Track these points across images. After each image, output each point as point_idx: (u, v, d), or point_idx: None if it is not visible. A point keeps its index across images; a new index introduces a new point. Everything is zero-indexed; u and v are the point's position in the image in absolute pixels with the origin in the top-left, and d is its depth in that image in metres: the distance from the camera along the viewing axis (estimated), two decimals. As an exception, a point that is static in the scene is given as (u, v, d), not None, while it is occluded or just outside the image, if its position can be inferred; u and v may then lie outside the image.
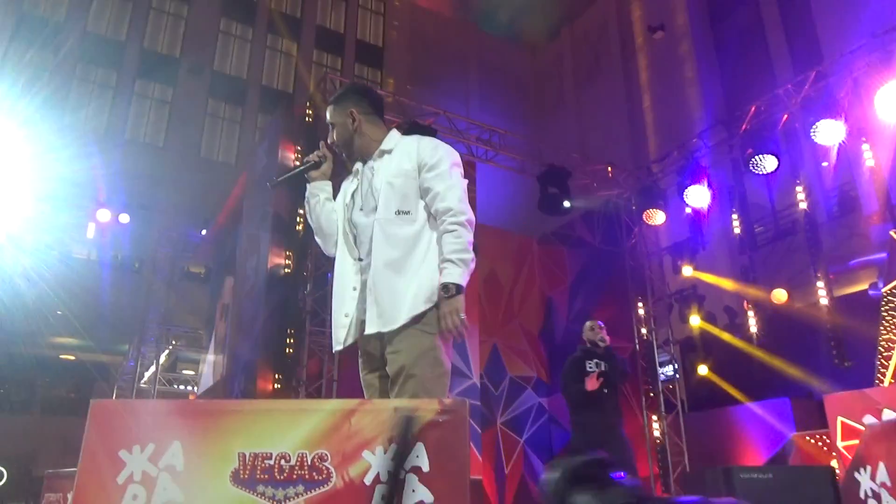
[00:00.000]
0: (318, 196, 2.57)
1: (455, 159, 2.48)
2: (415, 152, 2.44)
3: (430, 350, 2.22)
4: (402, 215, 2.37)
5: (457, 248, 2.31)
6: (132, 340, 14.46)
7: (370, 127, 2.54)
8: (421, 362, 2.20)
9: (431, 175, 2.39)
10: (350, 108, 2.53)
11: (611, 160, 10.51)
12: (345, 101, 2.56)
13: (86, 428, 1.83)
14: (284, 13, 21.88)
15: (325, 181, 2.60)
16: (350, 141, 2.54)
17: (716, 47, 16.03)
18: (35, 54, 17.26)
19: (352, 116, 2.52)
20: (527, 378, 10.44)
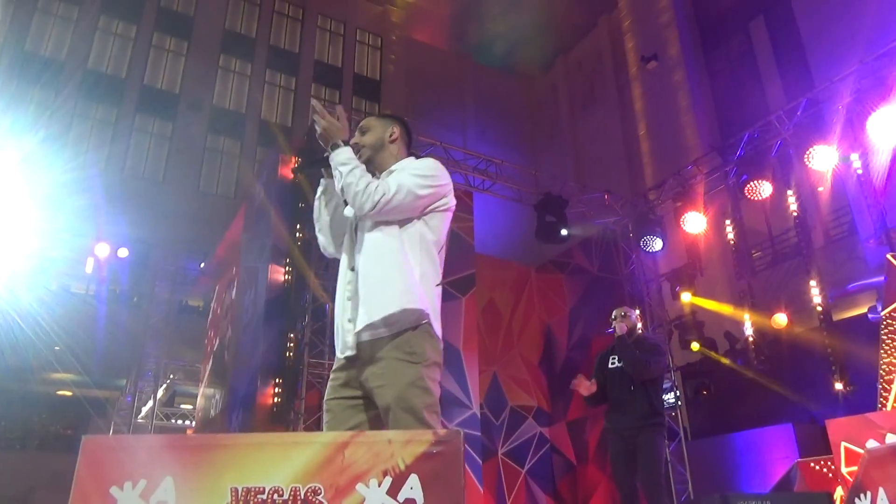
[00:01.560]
0: (334, 195, 2.58)
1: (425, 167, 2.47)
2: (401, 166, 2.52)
3: (417, 380, 2.20)
4: (381, 225, 2.40)
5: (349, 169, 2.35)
6: (129, 375, 14.37)
7: (397, 148, 2.62)
8: (410, 393, 2.18)
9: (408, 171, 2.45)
10: (394, 125, 2.65)
11: (607, 188, 10.58)
12: (392, 119, 2.68)
13: (77, 465, 1.82)
14: (283, 48, 22.23)
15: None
16: (378, 149, 2.59)
17: (709, 76, 16.26)
18: (38, 92, 17.47)
19: (392, 130, 2.62)
20: (527, 407, 10.36)
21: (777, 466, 8.62)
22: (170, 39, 20.44)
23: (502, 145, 19.19)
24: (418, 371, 2.22)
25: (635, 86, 18.16)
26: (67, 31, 18.82)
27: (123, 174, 18.21)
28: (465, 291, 9.16)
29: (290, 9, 22.93)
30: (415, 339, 2.25)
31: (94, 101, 18.58)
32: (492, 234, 12.31)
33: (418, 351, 2.24)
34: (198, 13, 21.08)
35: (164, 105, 19.58)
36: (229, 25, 21.59)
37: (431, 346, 2.28)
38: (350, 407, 2.34)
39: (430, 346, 2.27)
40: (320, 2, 23.36)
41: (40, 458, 15.65)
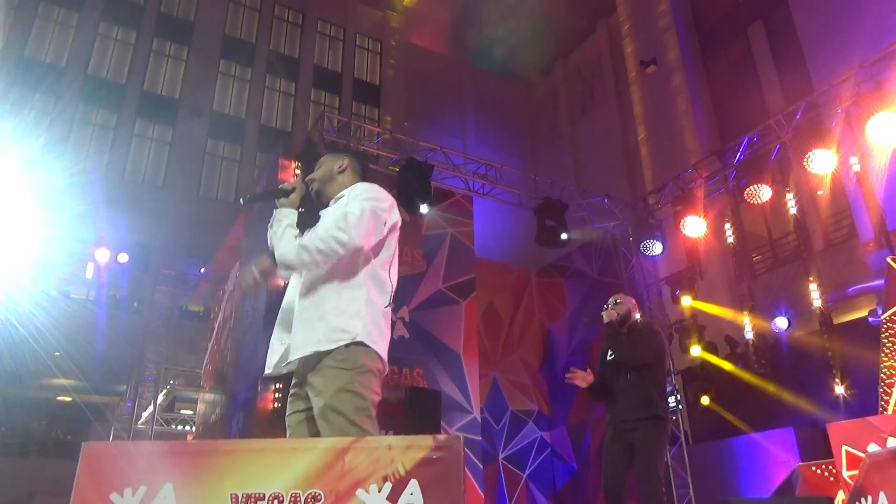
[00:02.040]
0: (282, 222, 2.66)
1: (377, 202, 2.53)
2: (348, 192, 2.61)
3: (347, 385, 2.30)
4: None
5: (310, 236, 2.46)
6: (130, 381, 14.35)
7: (347, 179, 2.74)
8: (341, 397, 2.28)
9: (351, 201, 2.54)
10: (345, 157, 2.79)
11: (607, 192, 10.58)
12: (345, 153, 2.84)
13: (77, 471, 1.82)
14: (282, 54, 22.27)
15: (291, 209, 2.70)
16: (328, 181, 2.74)
17: (708, 80, 16.28)
18: (38, 98, 17.50)
19: (341, 162, 2.76)
20: (528, 412, 10.35)
21: (778, 470, 8.61)
22: (170, 45, 20.48)
23: (502, 150, 19.21)
24: (349, 376, 2.32)
25: (634, 90, 18.18)
26: (68, 36, 18.86)
27: (124, 179, 18.23)
28: (465, 296, 9.16)
29: (289, 14, 22.99)
30: (349, 351, 2.35)
31: (94, 107, 18.61)
32: (492, 238, 12.31)
33: (350, 358, 2.34)
34: (198, 18, 21.13)
35: (164, 110, 19.62)
36: (229, 31, 21.65)
37: (366, 355, 2.38)
38: (306, 419, 2.46)
39: (364, 355, 2.37)
40: (320, 7, 23.42)
41: (40, 463, 15.65)
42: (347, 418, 2.24)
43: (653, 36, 17.28)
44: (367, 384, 2.34)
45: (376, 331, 2.44)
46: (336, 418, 2.25)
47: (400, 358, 8.22)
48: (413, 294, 8.71)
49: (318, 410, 2.32)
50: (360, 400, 2.30)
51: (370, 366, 2.37)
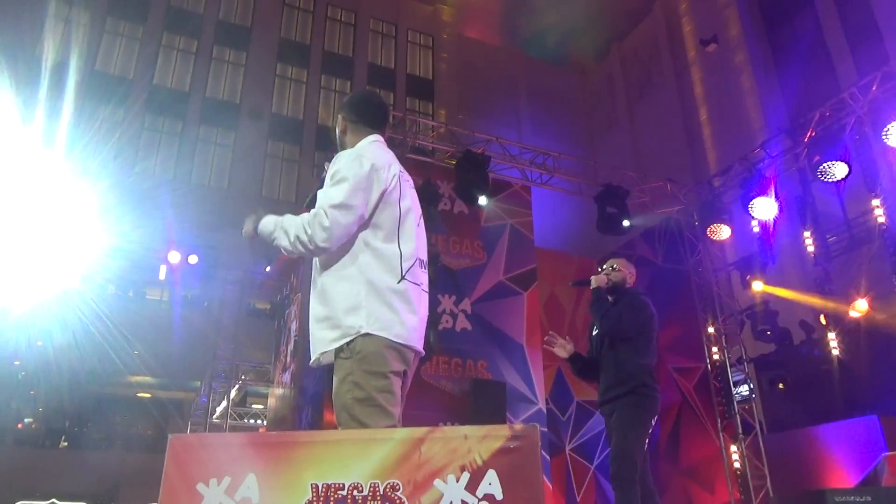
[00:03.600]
0: None
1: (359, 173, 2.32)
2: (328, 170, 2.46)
3: (347, 375, 2.22)
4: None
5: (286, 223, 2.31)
6: (204, 377, 14.90)
7: (353, 136, 2.57)
8: (341, 388, 2.23)
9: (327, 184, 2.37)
10: (341, 114, 2.62)
11: (669, 176, 10.30)
12: (342, 109, 2.64)
13: (165, 462, 1.88)
14: (336, 53, 22.59)
15: None
16: (340, 146, 2.60)
17: (773, 55, 15.61)
18: (108, 109, 18.33)
19: (339, 123, 2.62)
20: (594, 402, 10.18)
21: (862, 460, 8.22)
22: (229, 51, 21.08)
23: (558, 138, 18.95)
24: (348, 366, 2.23)
25: (694, 70, 17.61)
26: (133, 49, 19.66)
27: (191, 183, 18.90)
28: (526, 287, 9.10)
29: (342, 14, 23.28)
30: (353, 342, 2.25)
31: (160, 115, 19.36)
32: (551, 228, 12.18)
33: (352, 348, 2.23)
34: (254, 24, 21.67)
35: (225, 115, 20.22)
36: (284, 34, 22.11)
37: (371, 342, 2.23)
38: None
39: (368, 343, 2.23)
40: (372, 5, 23.63)
41: (124, 456, 16.43)
42: (349, 412, 2.19)
43: (713, 13, 16.69)
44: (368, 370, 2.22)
45: (387, 313, 2.26)
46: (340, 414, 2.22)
47: (463, 350, 8.23)
48: (474, 286, 8.71)
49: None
50: (358, 390, 2.19)
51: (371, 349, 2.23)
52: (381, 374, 2.22)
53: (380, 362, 2.22)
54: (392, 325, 2.26)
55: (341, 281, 2.29)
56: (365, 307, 2.24)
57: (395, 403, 2.25)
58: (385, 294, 2.27)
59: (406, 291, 2.32)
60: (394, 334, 2.25)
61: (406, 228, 2.40)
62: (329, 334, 2.28)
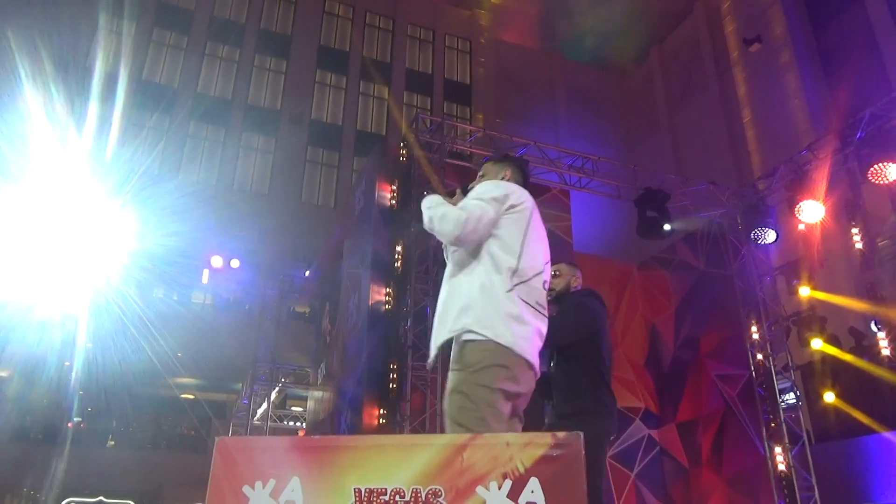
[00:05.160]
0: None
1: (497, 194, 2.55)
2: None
3: (456, 385, 2.32)
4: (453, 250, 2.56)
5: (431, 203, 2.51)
6: (245, 379, 15.17)
7: None
8: (450, 398, 2.32)
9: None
10: (508, 170, 2.82)
11: (711, 179, 10.10)
12: (506, 163, 2.87)
13: (212, 464, 1.92)
14: (375, 59, 22.82)
15: None
16: None
17: (820, 54, 15.20)
18: (154, 117, 18.87)
19: (504, 174, 2.80)
20: (634, 409, 10.06)
21: (917, 473, 7.93)
22: (270, 59, 21.49)
23: (597, 141, 18.77)
24: (459, 377, 2.32)
25: (737, 71, 17.26)
26: (178, 58, 20.21)
27: (233, 189, 19.30)
28: (565, 291, 9.02)
29: (380, 20, 23.52)
30: (465, 349, 2.34)
31: (204, 123, 19.83)
32: (590, 232, 12.06)
33: (464, 359, 2.33)
34: (294, 32, 22.05)
35: (267, 122, 20.62)
36: (324, 41, 22.43)
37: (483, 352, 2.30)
38: None
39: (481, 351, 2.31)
40: (409, 11, 23.81)
41: (168, 456, 16.84)
42: (454, 420, 2.25)
43: (756, 12, 16.34)
44: (480, 382, 2.28)
45: (497, 318, 2.33)
46: (446, 419, 2.30)
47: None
48: (512, 291, 8.66)
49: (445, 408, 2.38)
50: (466, 401, 2.26)
51: (487, 362, 2.29)
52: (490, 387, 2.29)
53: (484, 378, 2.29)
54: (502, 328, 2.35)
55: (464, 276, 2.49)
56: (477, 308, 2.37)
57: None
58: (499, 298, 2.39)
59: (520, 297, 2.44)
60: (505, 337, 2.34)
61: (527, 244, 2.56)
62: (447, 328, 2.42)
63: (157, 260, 12.47)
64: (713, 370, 9.64)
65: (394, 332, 8.41)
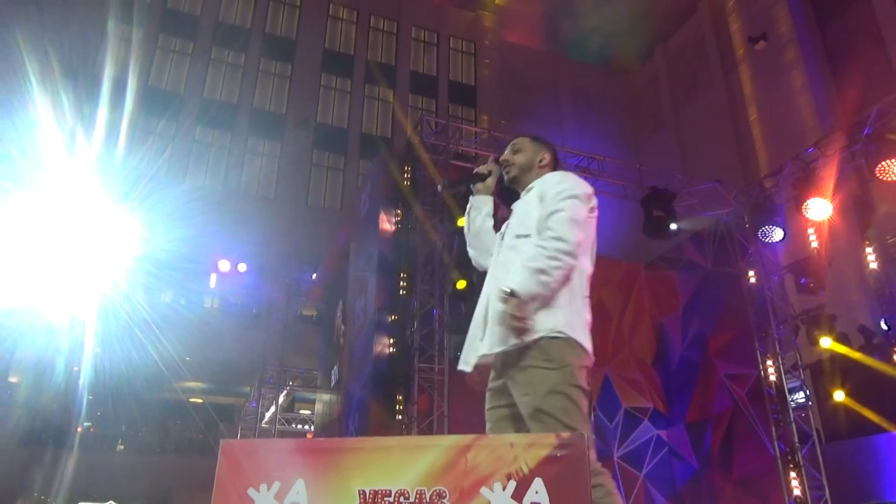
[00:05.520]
0: (481, 210, 2.71)
1: (580, 193, 2.46)
2: (539, 184, 2.55)
3: (555, 386, 2.23)
4: (522, 238, 2.44)
5: (534, 255, 2.32)
6: (253, 382, 15.21)
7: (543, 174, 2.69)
8: (550, 399, 2.22)
9: (547, 201, 2.45)
10: (546, 151, 2.73)
11: (717, 178, 10.06)
12: (545, 144, 2.77)
13: (217, 467, 1.92)
14: (379, 62, 22.86)
15: (487, 195, 2.75)
16: (527, 170, 2.69)
17: (826, 51, 15.13)
18: (161, 123, 18.96)
19: (543, 156, 2.71)
20: (642, 409, 10.02)
21: (929, 472, 7.87)
22: (275, 63, 21.56)
23: (602, 141, 18.73)
24: (556, 377, 2.24)
25: (743, 69, 17.19)
26: (184, 64, 20.30)
27: (239, 193, 19.37)
28: (571, 292, 8.99)
29: (384, 23, 23.56)
30: (552, 346, 2.27)
31: (210, 128, 19.92)
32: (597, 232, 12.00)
33: (556, 357, 2.26)
34: (299, 36, 22.12)
35: (272, 126, 20.68)
36: (328, 45, 22.49)
37: (571, 352, 2.28)
38: (507, 417, 2.40)
39: (569, 352, 2.28)
40: (413, 14, 23.84)
41: (177, 460, 16.88)
42: (560, 420, 2.19)
43: (761, 9, 16.28)
44: (574, 382, 2.26)
45: (578, 320, 2.34)
46: (549, 420, 2.20)
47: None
48: (519, 292, 8.64)
49: (528, 412, 2.26)
50: (568, 402, 2.23)
51: (576, 363, 2.28)
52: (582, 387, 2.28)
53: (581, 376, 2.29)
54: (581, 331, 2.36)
55: None
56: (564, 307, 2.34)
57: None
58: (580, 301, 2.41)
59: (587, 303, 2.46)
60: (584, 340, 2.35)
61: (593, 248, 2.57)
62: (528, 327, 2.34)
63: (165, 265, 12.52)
64: (722, 370, 9.59)
65: (400, 335, 8.42)
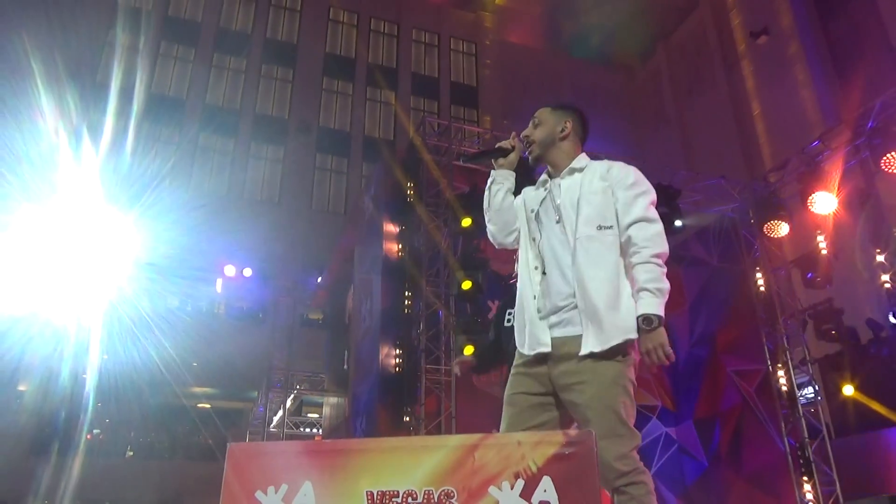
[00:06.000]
0: (503, 185, 2.57)
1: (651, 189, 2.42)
2: (606, 172, 2.42)
3: (618, 378, 2.19)
4: (605, 230, 2.33)
5: (654, 276, 2.25)
6: (260, 387, 15.21)
7: (570, 144, 2.55)
8: (611, 392, 2.17)
9: (628, 193, 2.36)
10: (569, 118, 2.57)
11: (722, 174, 10.03)
12: (566, 111, 2.60)
13: (224, 470, 1.92)
14: (381, 65, 22.87)
15: (509, 170, 2.60)
16: (549, 145, 2.55)
17: (828, 44, 15.07)
18: (165, 130, 19.02)
19: (565, 125, 2.55)
20: (650, 407, 9.98)
21: (941, 465, 7.82)
22: (276, 68, 21.60)
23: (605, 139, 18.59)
24: (619, 369, 2.20)
25: (745, 64, 17.15)
26: (187, 71, 20.35)
27: (243, 198, 19.40)
28: (577, 291, 8.96)
29: (385, 26, 23.58)
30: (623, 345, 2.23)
31: (213, 133, 19.96)
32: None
33: (628, 356, 2.23)
34: (300, 41, 22.15)
35: (275, 131, 20.71)
36: (330, 49, 22.52)
37: (631, 345, 2.25)
38: (537, 405, 2.32)
39: (629, 344, 2.24)
40: (414, 16, 23.85)
41: (186, 466, 16.89)
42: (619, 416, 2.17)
43: (762, 4, 16.23)
44: (633, 378, 2.26)
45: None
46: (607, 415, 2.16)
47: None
48: (524, 291, 8.63)
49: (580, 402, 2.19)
50: (627, 396, 2.21)
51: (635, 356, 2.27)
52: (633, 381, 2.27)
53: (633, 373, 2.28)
54: None
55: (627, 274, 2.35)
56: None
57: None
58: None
59: None
60: None
61: None
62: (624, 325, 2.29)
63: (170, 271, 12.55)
64: (729, 366, 9.56)
65: (407, 336, 8.42)
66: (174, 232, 12.55)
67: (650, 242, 2.28)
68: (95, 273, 11.20)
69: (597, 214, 2.34)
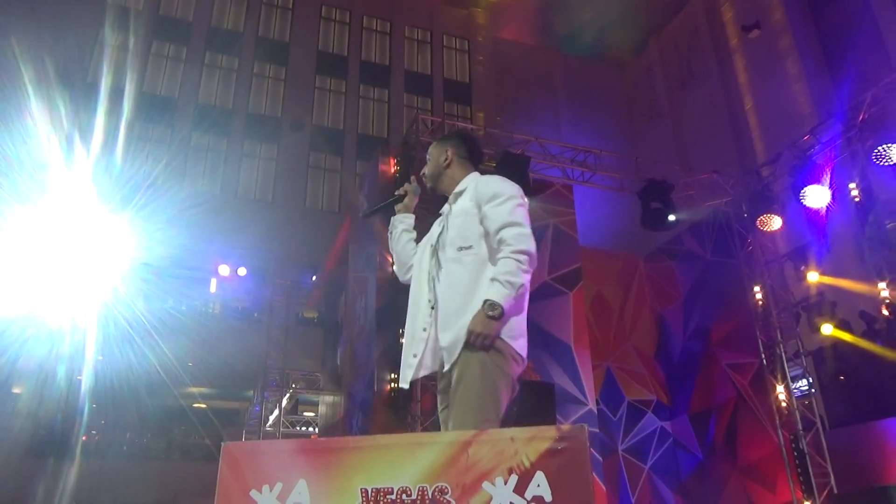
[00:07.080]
0: (397, 227, 2.74)
1: (517, 193, 2.49)
2: (474, 189, 2.52)
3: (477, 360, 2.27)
4: (464, 251, 2.43)
5: (509, 269, 2.32)
6: (256, 386, 15.20)
7: (457, 169, 2.68)
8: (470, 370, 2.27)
9: (490, 206, 2.44)
10: (447, 146, 2.71)
11: (715, 168, 10.06)
12: (447, 141, 2.76)
13: (219, 469, 1.92)
14: (374, 63, 22.83)
15: (407, 213, 2.77)
16: (437, 176, 2.71)
17: (820, 38, 15.12)
18: (156, 129, 18.94)
19: (446, 153, 2.69)
20: (646, 401, 10.03)
21: (934, 455, 7.88)
22: (269, 67, 21.53)
23: (598, 135, 18.70)
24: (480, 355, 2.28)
25: (737, 58, 17.19)
26: (178, 69, 20.26)
27: (237, 197, 19.34)
28: (571, 286, 9.01)
29: (377, 24, 23.52)
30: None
31: (206, 133, 19.88)
32: (595, 226, 12.01)
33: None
34: (292, 39, 22.08)
35: (268, 129, 20.65)
36: (322, 47, 22.45)
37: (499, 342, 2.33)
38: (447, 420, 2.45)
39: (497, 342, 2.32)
40: (406, 13, 23.80)
41: (182, 466, 16.87)
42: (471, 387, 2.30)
43: (753, -2, 16.25)
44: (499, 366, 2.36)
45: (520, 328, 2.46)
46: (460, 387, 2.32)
47: (510, 352, 8.17)
48: (519, 288, 8.65)
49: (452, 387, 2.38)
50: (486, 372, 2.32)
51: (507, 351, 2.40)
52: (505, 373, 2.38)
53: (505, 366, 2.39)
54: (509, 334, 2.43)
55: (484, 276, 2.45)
56: None
57: None
58: None
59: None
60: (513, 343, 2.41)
61: None
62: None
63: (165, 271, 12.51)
64: (724, 359, 9.61)
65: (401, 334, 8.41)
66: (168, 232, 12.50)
67: (514, 241, 2.36)
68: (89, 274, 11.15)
69: (458, 236, 2.45)
